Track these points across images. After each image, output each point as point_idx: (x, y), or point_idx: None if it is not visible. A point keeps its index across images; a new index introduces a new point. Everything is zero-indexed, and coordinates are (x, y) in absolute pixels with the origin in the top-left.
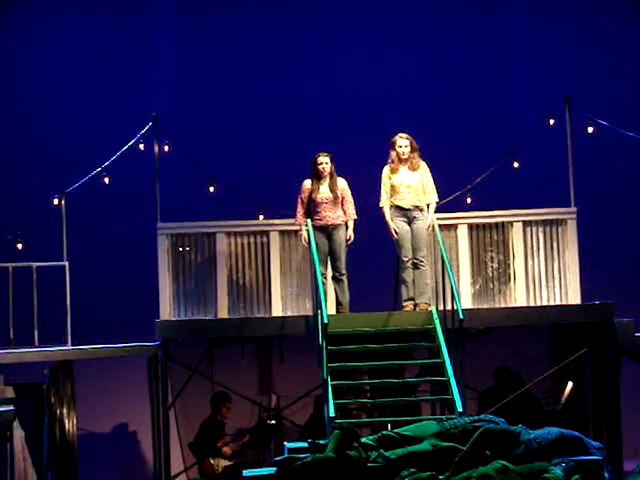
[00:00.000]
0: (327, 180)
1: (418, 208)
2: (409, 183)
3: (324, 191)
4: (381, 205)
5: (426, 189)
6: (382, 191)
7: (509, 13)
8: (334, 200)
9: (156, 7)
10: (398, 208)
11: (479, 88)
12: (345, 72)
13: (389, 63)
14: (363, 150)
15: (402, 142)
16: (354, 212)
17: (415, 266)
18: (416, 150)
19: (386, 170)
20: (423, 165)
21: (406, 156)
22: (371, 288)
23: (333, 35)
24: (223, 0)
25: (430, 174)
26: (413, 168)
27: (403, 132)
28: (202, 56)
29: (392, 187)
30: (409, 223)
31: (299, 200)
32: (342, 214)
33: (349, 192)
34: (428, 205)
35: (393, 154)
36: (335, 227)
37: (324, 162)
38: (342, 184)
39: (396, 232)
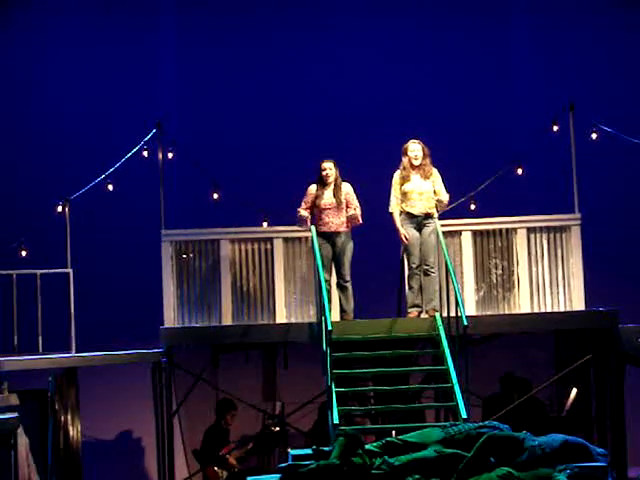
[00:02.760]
0: (331, 186)
1: (429, 215)
2: (421, 190)
3: (328, 197)
4: (391, 211)
5: (439, 193)
6: (392, 197)
7: (510, 20)
8: (337, 206)
9: (157, 9)
10: (408, 215)
11: (482, 93)
12: (348, 79)
13: (392, 69)
14: (367, 157)
15: (414, 147)
16: (359, 215)
17: (425, 273)
18: (428, 156)
19: (397, 176)
20: (435, 172)
21: (418, 162)
22: (375, 294)
23: (337, 39)
24: (224, 2)
25: (441, 181)
26: (426, 176)
27: (415, 138)
28: (205, 62)
29: (404, 194)
30: (419, 230)
31: (302, 203)
32: (346, 220)
33: (354, 196)
34: (437, 203)
35: (405, 160)
36: (339, 233)
37: (328, 168)
38: (346, 188)
39: (406, 238)
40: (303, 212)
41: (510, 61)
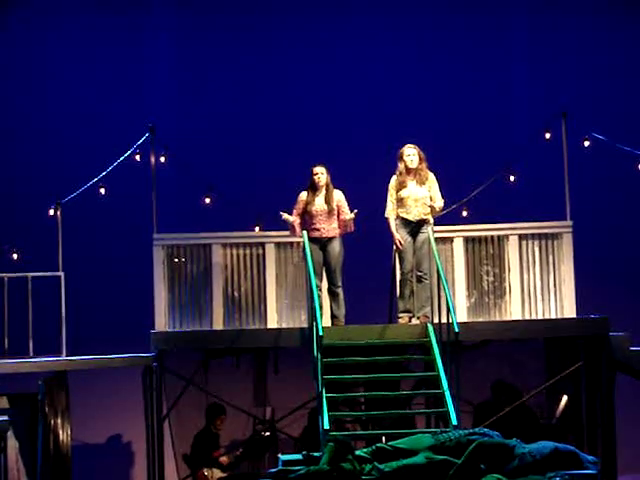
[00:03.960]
0: (323, 192)
1: (424, 221)
2: (417, 197)
3: (319, 203)
4: (386, 215)
5: (434, 199)
6: (388, 202)
7: (510, 21)
8: (329, 212)
9: (156, 10)
10: (403, 220)
11: (476, 101)
12: (343, 84)
13: (387, 72)
14: (360, 162)
15: (410, 151)
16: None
17: (418, 279)
18: (424, 161)
19: (393, 181)
20: (431, 177)
21: (414, 166)
22: (366, 300)
23: (332, 44)
24: (221, 3)
25: (437, 185)
26: (422, 181)
27: (410, 143)
28: (199, 67)
29: (400, 200)
30: (413, 235)
31: (293, 210)
32: (337, 226)
33: (346, 204)
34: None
35: (401, 165)
36: (330, 239)
37: (319, 172)
38: (338, 196)
39: (401, 243)
40: (287, 215)
41: (504, 68)
